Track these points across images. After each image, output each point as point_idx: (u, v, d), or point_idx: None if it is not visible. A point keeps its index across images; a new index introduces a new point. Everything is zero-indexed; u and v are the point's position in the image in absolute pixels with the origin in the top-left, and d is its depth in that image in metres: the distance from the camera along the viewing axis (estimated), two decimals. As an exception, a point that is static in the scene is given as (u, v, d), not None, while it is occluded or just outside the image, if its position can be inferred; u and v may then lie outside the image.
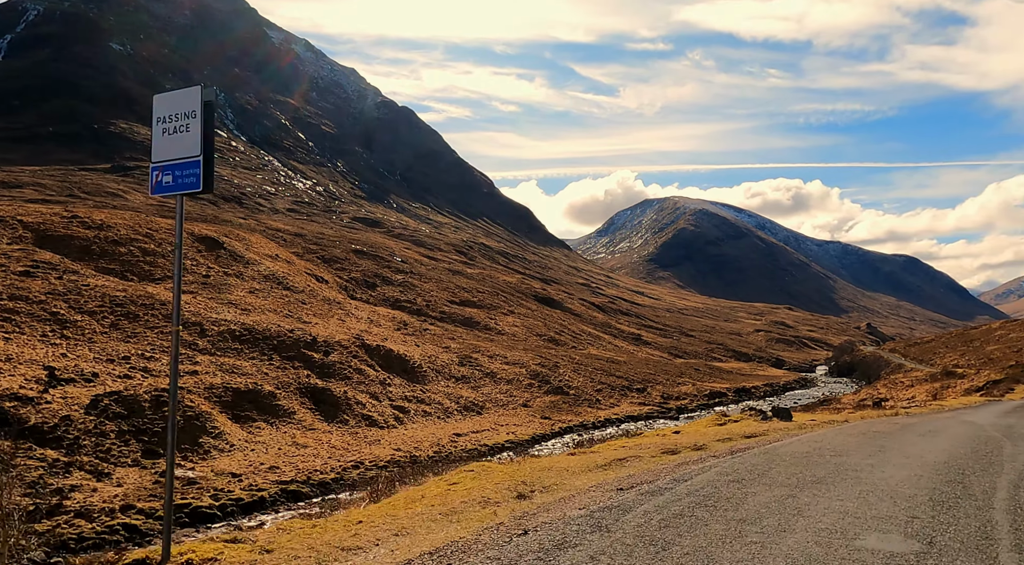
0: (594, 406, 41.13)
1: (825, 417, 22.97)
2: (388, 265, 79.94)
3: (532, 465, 13.44)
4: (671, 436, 17.21)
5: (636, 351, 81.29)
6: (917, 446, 12.88)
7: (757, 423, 19.59)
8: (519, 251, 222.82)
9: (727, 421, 20.98)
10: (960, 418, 19.96)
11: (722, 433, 16.23)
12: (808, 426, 18.20)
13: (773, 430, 16.82)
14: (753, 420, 20.66)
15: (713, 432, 17.00)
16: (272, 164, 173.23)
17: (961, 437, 14.53)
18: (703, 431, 17.86)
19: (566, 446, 30.44)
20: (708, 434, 16.56)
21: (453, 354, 43.33)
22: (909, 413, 23.35)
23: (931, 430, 15.96)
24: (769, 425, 18.55)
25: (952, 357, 64.42)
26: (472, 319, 66.65)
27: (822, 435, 14.75)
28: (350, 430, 27.66)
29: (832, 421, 20.28)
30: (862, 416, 22.45)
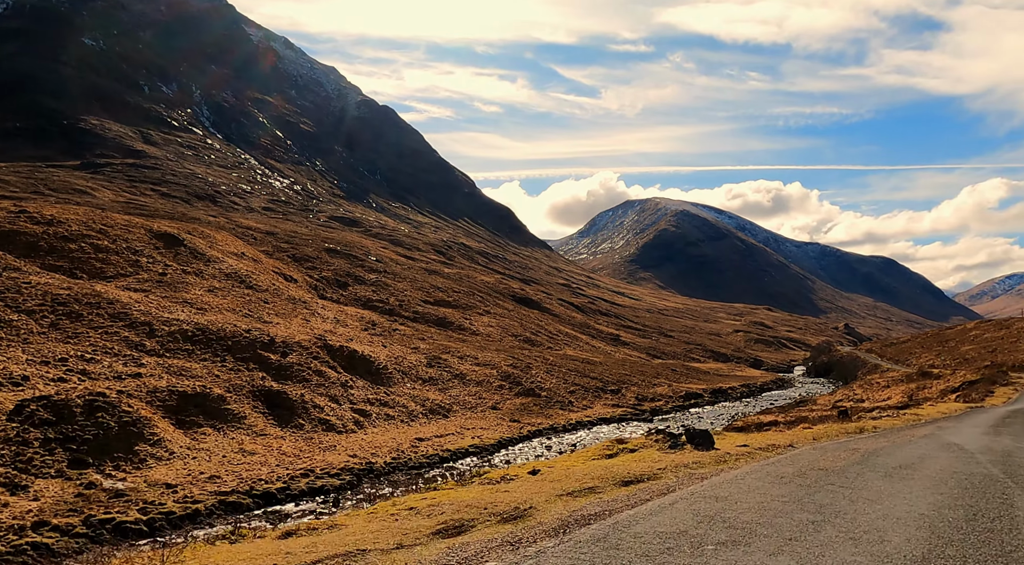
0: (566, 408, 40.06)
1: (764, 440, 17.01)
2: (362, 264, 78.34)
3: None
4: (502, 488, 11.79)
5: (614, 352, 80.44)
6: (878, 506, 8.28)
7: (658, 454, 14.28)
8: (500, 251, 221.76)
9: (620, 450, 15.74)
10: (941, 437, 15.82)
11: (591, 476, 11.59)
12: (731, 458, 13.12)
13: (673, 468, 11.93)
14: (655, 449, 15.28)
15: (580, 473, 12.17)
16: (249, 162, 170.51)
17: (946, 480, 10.06)
18: (568, 471, 12.87)
19: (534, 451, 29.33)
20: (570, 476, 11.95)
21: (422, 355, 42.03)
22: (877, 428, 18.68)
23: (903, 464, 11.48)
24: (673, 458, 13.37)
25: (928, 357, 64.31)
26: (446, 319, 65.33)
27: (734, 483, 9.82)
28: (305, 435, 26.28)
29: (772, 447, 14.92)
30: (815, 436, 17.35)
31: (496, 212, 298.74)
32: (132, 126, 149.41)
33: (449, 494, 12.01)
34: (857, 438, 16.33)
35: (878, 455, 12.71)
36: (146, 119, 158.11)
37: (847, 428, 19.01)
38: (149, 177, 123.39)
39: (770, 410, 39.92)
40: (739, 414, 43.41)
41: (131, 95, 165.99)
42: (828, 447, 14.31)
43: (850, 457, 12.35)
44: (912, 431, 17.62)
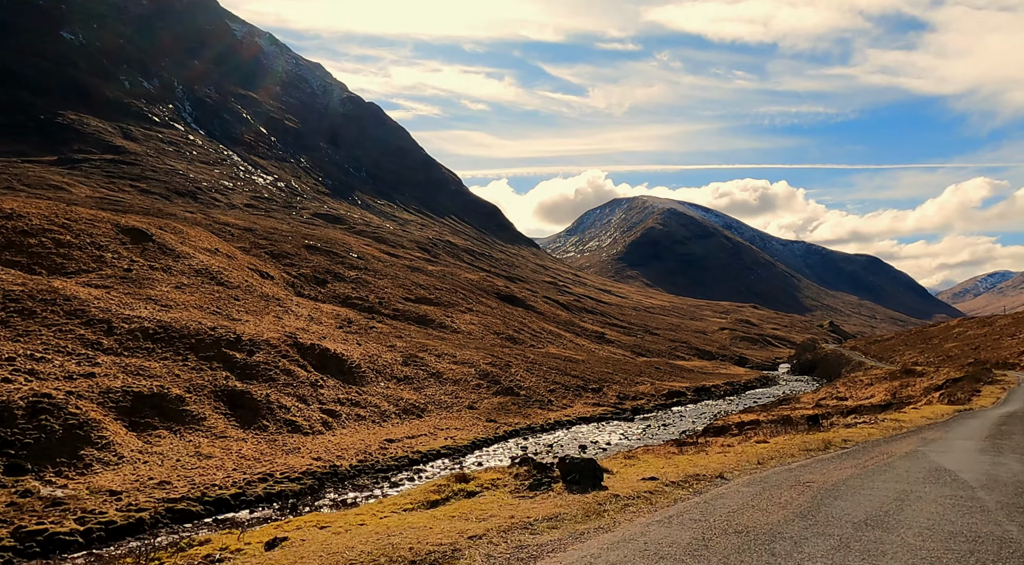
0: (545, 407, 39.17)
1: (689, 467, 12.31)
2: (343, 261, 77.05)
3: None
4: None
5: (598, 349, 79.70)
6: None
7: (506, 501, 9.92)
8: (486, 249, 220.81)
9: (452, 494, 11.10)
10: (927, 457, 12.74)
11: (360, 555, 7.56)
12: (612, 509, 9.06)
13: (500, 534, 8.07)
14: (507, 490, 10.78)
15: (345, 548, 7.93)
16: (231, 159, 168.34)
17: (937, 549, 6.68)
18: (332, 543, 8.27)
19: (508, 452, 28.42)
20: (328, 552, 7.85)
21: (398, 353, 40.98)
22: (848, 442, 15.27)
23: (871, 517, 7.96)
24: (522, 510, 9.23)
25: (912, 355, 64.09)
26: (427, 317, 64.26)
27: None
28: (268, 437, 25.19)
29: (693, 479, 10.87)
30: (764, 456, 13.30)
31: (483, 210, 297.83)
32: (112, 121, 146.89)
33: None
34: (818, 459, 12.79)
35: (837, 496, 9.07)
36: (126, 114, 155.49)
37: (810, 442, 15.06)
38: (128, 173, 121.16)
39: (752, 408, 39.28)
40: (722, 412, 42.75)
41: (111, 90, 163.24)
42: (771, 479, 10.62)
43: (795, 501, 8.85)
44: (890, 446, 14.30)
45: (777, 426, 32.51)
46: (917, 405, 27.41)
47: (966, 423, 18.83)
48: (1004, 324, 67.37)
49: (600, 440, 32.22)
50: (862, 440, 15.75)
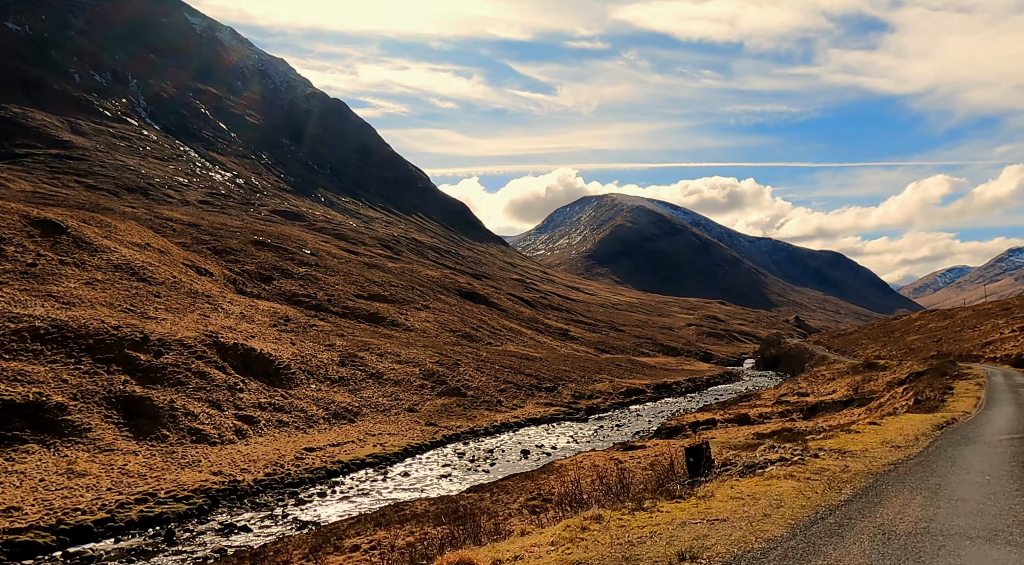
0: (493, 408, 36.76)
1: None
2: (293, 258, 73.70)
3: None
4: None
5: (560, 347, 77.65)
6: None
7: None
8: (453, 247, 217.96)
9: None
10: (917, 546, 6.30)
11: None
12: None
13: None
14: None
15: None
16: (188, 155, 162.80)
17: None
18: None
19: (444, 459, 25.95)
20: None
21: (336, 353, 38.19)
22: (721, 528, 6.90)
23: None
24: None
25: (874, 348, 63.19)
26: (378, 314, 61.41)
27: None
28: (166, 449, 22.34)
29: None
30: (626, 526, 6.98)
31: (451, 208, 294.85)
32: (60, 115, 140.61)
33: None
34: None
35: None
36: (75, 108, 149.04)
37: (659, 522, 7.22)
38: (74, 168, 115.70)
39: (710, 407, 37.41)
40: (681, 410, 40.84)
41: (59, 83, 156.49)
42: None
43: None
44: (807, 537, 6.70)
45: (732, 425, 30.63)
46: (876, 411, 25.36)
47: (960, 459, 11.13)
48: (965, 316, 66.95)
49: (547, 444, 29.93)
50: (755, 513, 7.46)
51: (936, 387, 23.17)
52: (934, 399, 20.33)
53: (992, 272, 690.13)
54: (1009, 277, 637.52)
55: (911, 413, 18.70)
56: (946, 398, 20.19)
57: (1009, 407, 19.07)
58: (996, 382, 25.71)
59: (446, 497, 17.25)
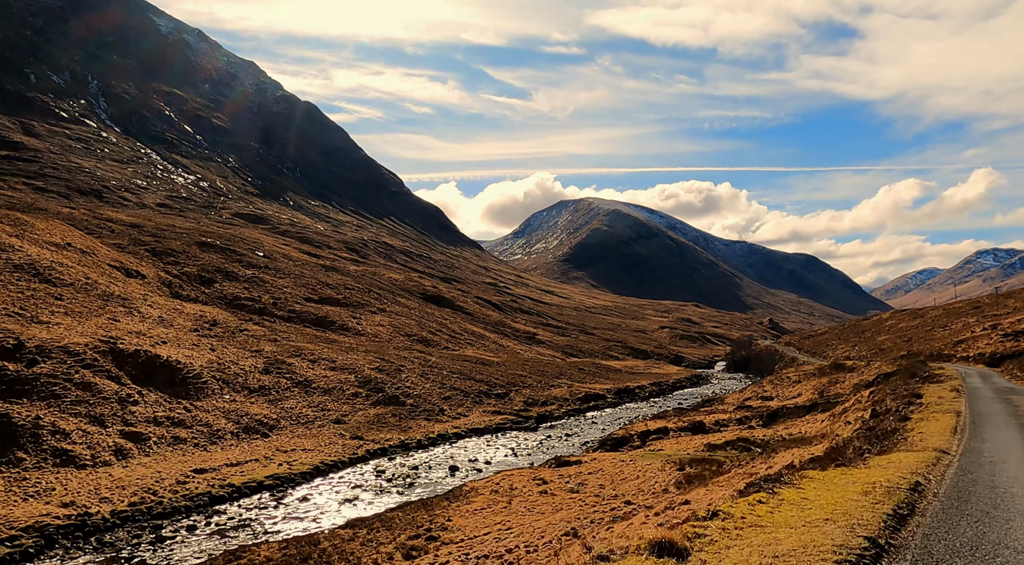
0: (433, 418, 33.71)
1: None
2: (241, 260, 69.95)
3: None
4: None
5: (524, 351, 74.78)
6: None
7: None
8: (425, 251, 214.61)
9: None
10: None
11: None
12: None
13: None
14: None
15: None
16: (149, 157, 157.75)
17: None
18: None
19: (361, 479, 22.84)
20: None
21: (262, 359, 34.87)
22: None
23: None
24: None
25: (844, 349, 61.27)
26: (327, 318, 58.02)
27: None
28: (16, 475, 18.95)
29: None
30: None
31: (425, 212, 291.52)
32: (11, 116, 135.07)
33: None
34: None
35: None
36: (29, 109, 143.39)
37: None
38: (24, 170, 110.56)
39: (666, 413, 34.73)
40: (638, 417, 38.12)
41: (12, 83, 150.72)
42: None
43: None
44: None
45: (686, 434, 27.95)
46: (840, 417, 22.68)
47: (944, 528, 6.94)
48: (935, 316, 65.39)
49: (481, 458, 26.96)
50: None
51: (901, 395, 18.17)
52: (895, 415, 14.38)
53: (961, 274, 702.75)
54: (977, 278, 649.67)
55: (856, 468, 9.94)
56: (911, 414, 14.20)
57: (1011, 433, 12.77)
58: (975, 386, 21.68)
59: (309, 537, 14.19)
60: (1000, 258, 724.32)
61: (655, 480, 17.64)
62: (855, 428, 15.05)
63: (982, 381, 23.95)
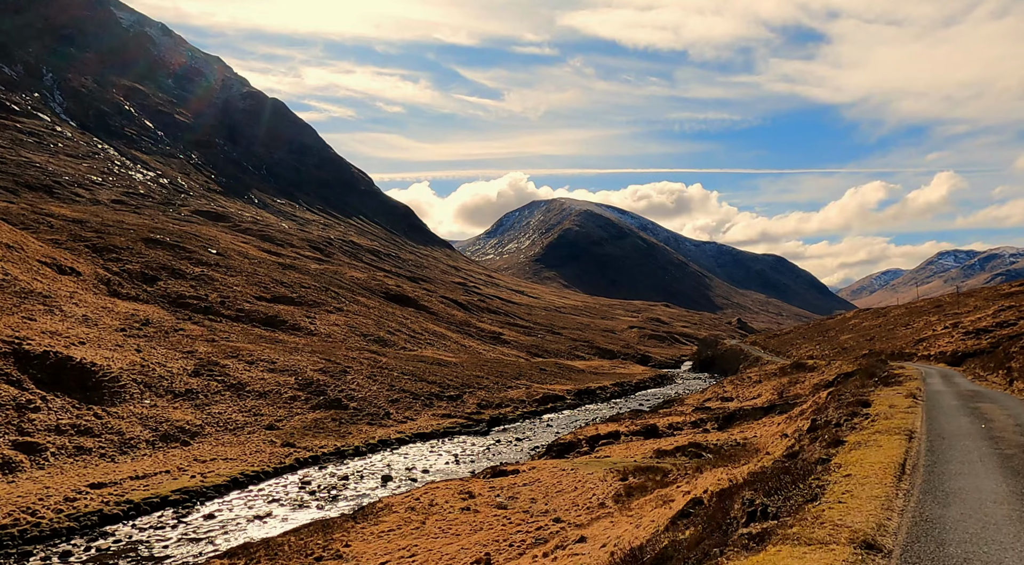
0: (377, 422, 31.77)
1: None
2: (191, 257, 66.97)
3: None
4: None
5: (487, 351, 73.01)
6: None
7: None
8: (394, 250, 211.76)
9: None
10: None
11: None
12: None
13: None
14: None
15: None
16: (107, 153, 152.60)
17: None
18: None
19: (283, 492, 20.86)
20: None
21: (193, 360, 32.56)
22: None
23: None
24: None
25: (808, 348, 60.70)
26: (278, 317, 55.59)
27: None
28: None
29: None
30: None
31: (395, 211, 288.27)
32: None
33: None
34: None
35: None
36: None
37: None
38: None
39: (621, 416, 33.26)
40: (594, 419, 36.62)
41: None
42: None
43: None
44: None
45: (637, 439, 26.47)
46: (796, 419, 21.32)
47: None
48: (898, 314, 65.25)
49: (420, 466, 25.13)
50: None
51: (847, 401, 14.64)
52: (829, 436, 10.43)
53: (923, 275, 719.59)
54: (938, 279, 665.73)
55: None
56: (848, 435, 10.34)
57: (991, 478, 8.68)
58: (936, 390, 19.26)
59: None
60: (960, 259, 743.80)
61: (593, 492, 16.04)
62: (785, 447, 11.79)
63: (944, 382, 21.77)
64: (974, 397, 17.41)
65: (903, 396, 16.24)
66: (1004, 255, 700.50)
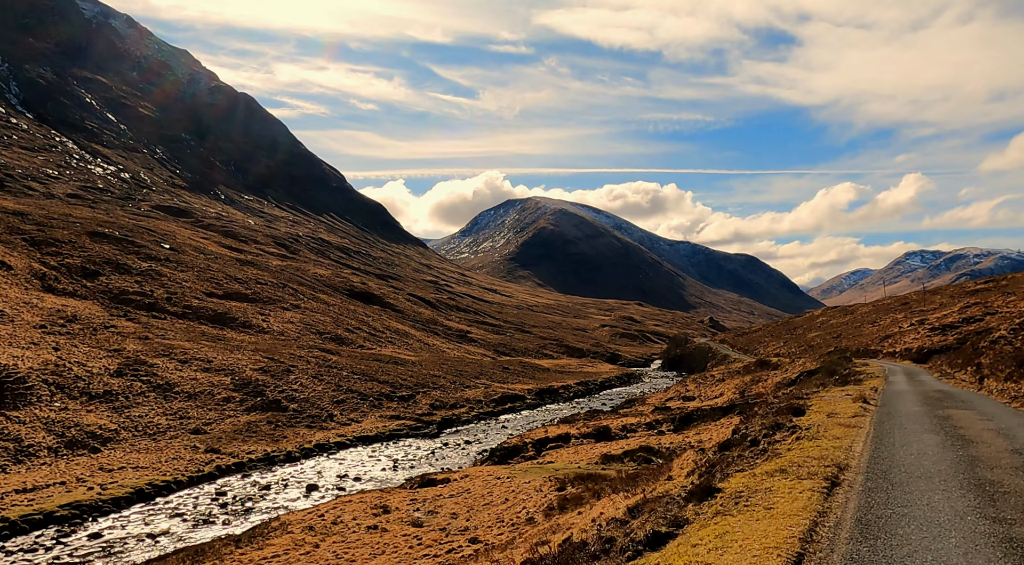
0: (318, 425, 29.74)
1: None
2: (139, 252, 63.98)
3: None
4: None
5: (452, 349, 71.07)
6: None
7: None
8: (365, 248, 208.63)
9: None
10: None
11: None
12: None
13: None
14: None
15: None
16: (65, 146, 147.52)
17: None
18: None
19: (192, 505, 18.78)
20: None
21: (119, 359, 30.20)
22: None
23: None
24: None
25: (775, 346, 59.85)
26: (228, 314, 53.06)
27: None
28: None
29: None
30: None
31: (367, 208, 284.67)
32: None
33: None
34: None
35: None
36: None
37: None
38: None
39: (575, 417, 31.64)
40: (549, 420, 34.99)
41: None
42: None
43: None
44: None
45: (588, 441, 24.88)
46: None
47: None
48: (865, 312, 64.79)
49: (354, 473, 23.21)
50: None
51: (779, 409, 11.67)
52: (719, 470, 7.57)
53: (891, 274, 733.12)
54: (906, 279, 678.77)
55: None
56: (725, 482, 6.73)
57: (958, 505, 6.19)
58: (897, 391, 17.03)
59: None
60: (927, 259, 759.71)
61: (525, 505, 14.30)
62: (687, 475, 8.76)
63: (907, 381, 19.74)
64: (943, 400, 14.82)
65: (852, 400, 13.52)
66: (969, 256, 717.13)
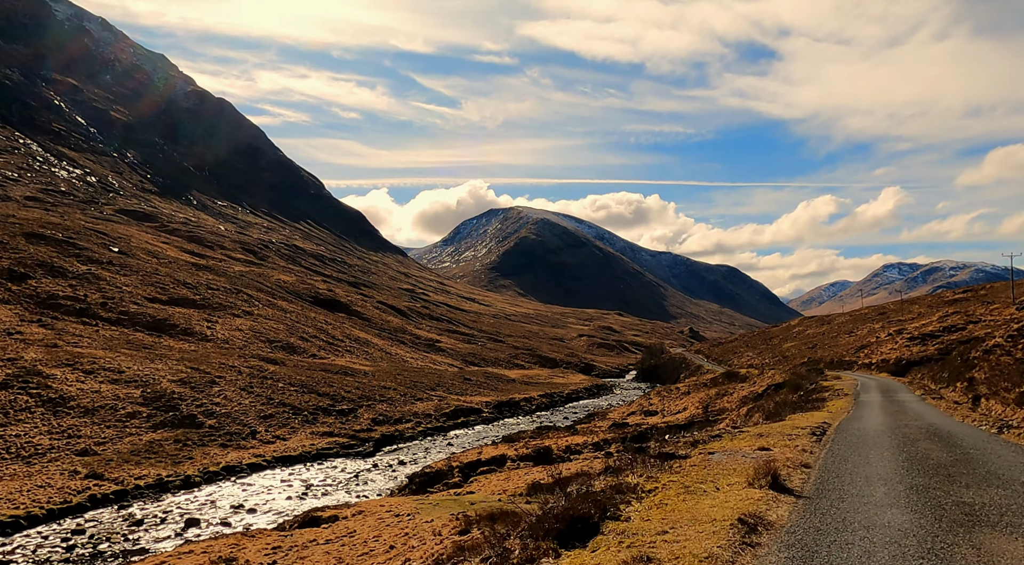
0: (233, 443, 26.55)
1: None
2: (80, 255, 60.31)
3: None
4: None
5: (416, 359, 67.94)
6: None
7: None
8: (341, 255, 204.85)
9: None
10: None
11: None
12: None
13: None
14: None
15: None
16: (29, 148, 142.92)
17: None
18: None
19: (31, 548, 15.54)
20: None
21: (10, 369, 26.84)
22: None
23: None
24: None
25: (750, 356, 57.48)
26: (169, 321, 49.61)
27: None
28: None
29: None
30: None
31: (346, 216, 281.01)
32: None
33: None
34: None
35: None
36: None
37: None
38: None
39: (520, 435, 28.72)
40: (501, 437, 32.05)
41: None
42: None
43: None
44: None
45: (525, 465, 21.98)
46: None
47: None
48: (842, 322, 62.77)
49: (250, 503, 20.05)
50: None
51: (651, 458, 7.17)
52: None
53: (869, 286, 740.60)
54: (883, 290, 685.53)
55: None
56: None
57: None
58: (863, 429, 12.35)
59: None
60: (904, 271, 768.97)
61: (410, 556, 11.37)
62: None
63: (882, 405, 15.16)
64: (939, 442, 9.96)
65: (806, 437, 8.66)
66: (945, 268, 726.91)
